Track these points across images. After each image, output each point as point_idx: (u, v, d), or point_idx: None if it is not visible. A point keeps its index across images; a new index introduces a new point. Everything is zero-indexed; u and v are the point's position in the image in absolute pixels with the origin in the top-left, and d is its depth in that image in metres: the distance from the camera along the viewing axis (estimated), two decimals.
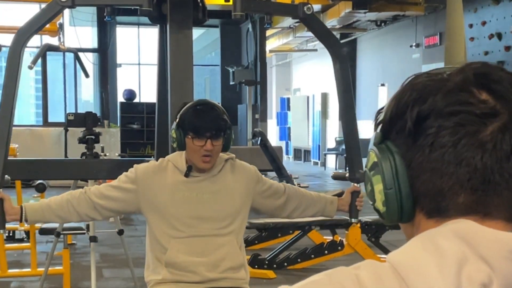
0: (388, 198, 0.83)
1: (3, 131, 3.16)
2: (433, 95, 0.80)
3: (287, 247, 6.21)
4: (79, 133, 4.81)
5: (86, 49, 15.93)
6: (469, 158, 0.77)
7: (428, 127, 0.79)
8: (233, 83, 15.99)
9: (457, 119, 0.77)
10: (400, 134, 0.82)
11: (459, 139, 0.77)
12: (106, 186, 2.62)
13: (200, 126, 2.48)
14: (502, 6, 11.07)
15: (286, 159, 19.26)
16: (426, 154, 0.79)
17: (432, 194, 0.80)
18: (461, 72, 0.81)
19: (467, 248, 0.74)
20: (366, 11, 13.20)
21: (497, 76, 0.80)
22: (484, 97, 0.78)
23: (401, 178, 0.81)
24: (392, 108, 0.84)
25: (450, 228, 0.77)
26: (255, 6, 3.84)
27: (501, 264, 0.73)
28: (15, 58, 3.19)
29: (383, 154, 0.83)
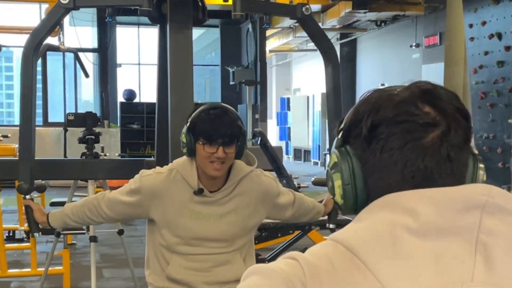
0: (345, 192, 0.99)
1: (27, 138, 3.25)
2: (384, 106, 0.96)
3: (287, 247, 6.21)
4: (79, 133, 4.81)
5: (86, 49, 15.92)
6: (413, 160, 0.93)
7: (380, 133, 0.95)
8: (233, 83, 15.99)
9: (404, 127, 0.94)
10: (357, 139, 0.99)
11: (405, 143, 0.93)
12: (115, 198, 2.50)
13: (212, 132, 2.31)
14: (502, 6, 11.07)
15: (286, 159, 19.26)
16: (378, 155, 0.95)
17: (382, 189, 0.95)
18: (409, 89, 0.97)
19: (388, 210, 0.91)
20: (366, 11, 13.20)
21: (438, 93, 0.96)
22: (427, 110, 0.94)
23: (357, 175, 0.98)
24: (350, 118, 1.01)
25: (373, 204, 0.95)
26: (254, 6, 3.84)
27: (423, 209, 0.89)
28: (28, 67, 3.26)
29: (343, 155, 1.00)
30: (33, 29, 3.42)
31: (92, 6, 6.30)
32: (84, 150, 4.62)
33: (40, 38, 3.32)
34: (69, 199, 4.99)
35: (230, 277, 2.51)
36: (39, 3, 11.96)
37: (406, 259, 0.87)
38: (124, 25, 17.21)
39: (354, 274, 0.88)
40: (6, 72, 46.52)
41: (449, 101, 0.96)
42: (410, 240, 0.88)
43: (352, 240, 0.91)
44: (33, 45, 3.29)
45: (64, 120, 5.74)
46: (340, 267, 0.89)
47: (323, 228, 6.39)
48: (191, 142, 2.37)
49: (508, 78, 11.23)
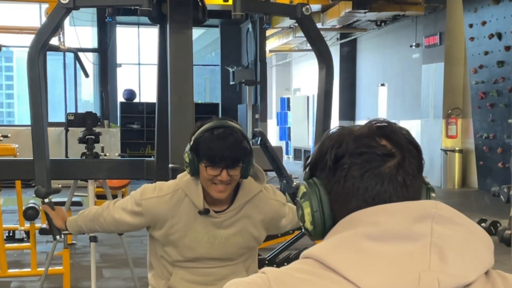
0: (314, 218, 1.11)
1: (40, 138, 3.30)
2: (346, 140, 1.08)
3: (287, 247, 6.20)
4: (79, 133, 4.81)
5: (86, 49, 15.93)
6: (373, 185, 1.05)
7: (343, 164, 1.07)
8: (233, 83, 15.99)
9: (364, 158, 1.06)
10: (323, 171, 1.10)
11: (365, 171, 1.05)
12: (121, 219, 2.45)
13: (215, 154, 2.19)
14: (502, 6, 11.07)
15: (286, 159, 19.27)
16: (342, 183, 1.07)
17: (347, 212, 1.06)
18: (367, 126, 1.10)
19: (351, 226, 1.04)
20: (366, 11, 13.21)
21: (393, 128, 1.09)
22: (383, 143, 1.07)
23: (324, 203, 1.10)
24: (316, 153, 1.13)
25: (336, 226, 1.07)
26: (254, 6, 3.84)
27: (382, 219, 1.01)
28: (34, 68, 3.29)
29: (311, 186, 1.11)
30: (37, 31, 3.46)
31: (92, 6, 6.31)
32: (84, 150, 4.62)
33: (45, 39, 3.35)
34: (69, 199, 4.99)
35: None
36: (39, 3, 11.96)
37: (369, 259, 0.99)
38: (124, 25, 17.22)
39: (322, 279, 0.99)
40: (6, 72, 46.52)
41: (402, 135, 1.09)
42: (371, 245, 0.99)
43: (319, 252, 1.02)
44: (38, 46, 3.32)
45: (65, 120, 5.74)
46: (308, 275, 1.00)
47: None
48: (194, 162, 2.27)
49: (508, 78, 11.23)
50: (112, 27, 16.39)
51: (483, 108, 11.86)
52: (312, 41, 3.70)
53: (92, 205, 4.79)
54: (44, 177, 3.28)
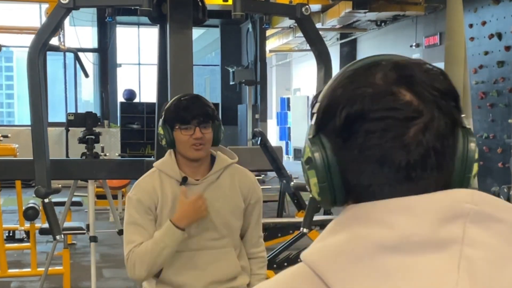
0: (322, 191, 0.89)
1: (40, 138, 3.29)
2: (362, 97, 0.85)
3: (287, 247, 6.20)
4: (79, 133, 4.81)
5: (86, 49, 15.92)
6: (394, 158, 0.84)
7: (356, 130, 0.85)
8: (233, 83, 15.99)
9: (383, 125, 0.84)
10: (332, 131, 0.88)
11: (385, 141, 0.84)
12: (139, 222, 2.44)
13: (186, 115, 2.41)
14: (502, 6, 11.07)
15: (286, 159, 19.26)
16: (356, 154, 0.86)
17: (361, 189, 0.87)
18: (386, 71, 0.87)
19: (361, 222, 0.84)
20: (366, 11, 13.20)
21: (420, 76, 0.86)
22: (408, 98, 0.84)
23: (334, 174, 0.88)
24: (325, 104, 0.90)
25: (345, 216, 0.87)
26: (254, 6, 3.84)
27: (399, 220, 0.81)
28: (34, 68, 3.29)
29: (317, 149, 0.89)
30: (37, 31, 3.46)
31: (92, 6, 6.31)
32: (84, 150, 4.62)
33: (45, 39, 3.36)
34: (69, 199, 4.99)
35: (225, 275, 2.51)
36: (39, 3, 11.97)
37: (380, 280, 0.79)
38: (124, 25, 17.21)
39: None
40: (6, 72, 46.53)
41: (431, 82, 0.86)
42: (384, 258, 0.79)
43: (317, 259, 0.84)
44: (38, 46, 3.32)
45: (65, 120, 5.74)
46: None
47: (323, 228, 6.39)
48: (169, 132, 2.45)
49: (508, 78, 11.23)
50: (112, 27, 16.39)
51: (483, 108, 11.86)
52: (311, 42, 3.70)
53: (92, 205, 4.80)
54: (44, 177, 3.28)
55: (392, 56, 0.91)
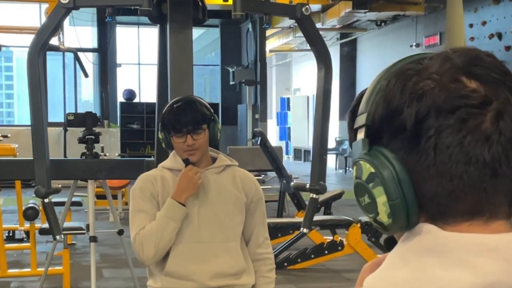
0: (394, 210, 0.77)
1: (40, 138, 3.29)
2: (428, 91, 0.75)
3: (287, 247, 6.21)
4: (79, 133, 4.80)
5: (86, 49, 15.92)
6: (478, 154, 0.73)
7: (429, 128, 0.74)
8: (233, 83, 16.00)
9: (457, 115, 0.73)
10: (395, 137, 0.77)
11: (463, 136, 0.73)
12: (146, 209, 2.51)
13: (177, 123, 2.47)
14: (502, 6, 11.07)
15: (286, 159, 19.26)
16: (432, 157, 0.74)
17: (440, 198, 0.76)
18: (447, 60, 0.77)
19: (438, 260, 0.73)
20: (366, 11, 13.21)
21: (484, 62, 0.77)
22: (474, 86, 0.75)
23: (405, 186, 0.76)
24: (381, 109, 0.78)
25: (419, 244, 0.76)
26: (254, 6, 3.84)
27: (484, 263, 0.71)
28: (34, 68, 3.29)
29: (380, 162, 0.77)
30: (37, 31, 3.46)
31: (92, 6, 6.31)
32: (84, 150, 4.62)
33: (45, 39, 3.35)
34: (69, 199, 4.99)
35: (229, 268, 2.53)
36: (39, 3, 11.96)
37: None
38: (124, 25, 17.22)
39: None
40: (6, 72, 46.55)
41: (494, 68, 0.77)
42: None
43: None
44: (38, 46, 3.32)
45: (64, 120, 5.74)
46: None
47: (323, 228, 6.39)
48: (166, 137, 2.53)
49: None
50: (112, 27, 16.40)
51: None
52: (311, 41, 3.70)
53: (92, 205, 4.80)
54: (44, 177, 3.28)
55: (442, 50, 0.81)
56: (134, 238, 2.48)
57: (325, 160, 3.77)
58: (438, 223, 0.77)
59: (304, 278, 5.92)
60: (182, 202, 2.47)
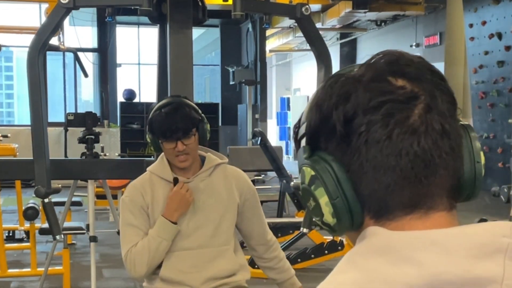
0: (336, 208, 0.80)
1: (40, 138, 3.30)
2: (354, 92, 0.78)
3: (287, 247, 6.20)
4: (79, 133, 4.80)
5: (86, 49, 15.92)
6: (407, 147, 0.76)
7: (358, 126, 0.77)
8: (233, 83, 15.99)
9: (384, 111, 0.76)
10: (330, 140, 0.80)
11: (391, 130, 0.76)
12: (134, 223, 2.49)
13: (166, 130, 2.44)
14: (502, 6, 11.07)
15: (286, 159, 19.26)
16: (364, 153, 0.77)
17: (378, 193, 0.78)
18: (373, 65, 0.80)
19: (384, 259, 0.74)
20: (366, 11, 13.20)
21: (406, 60, 0.80)
22: (400, 83, 0.77)
23: (345, 185, 0.79)
24: (314, 116, 0.82)
25: (365, 246, 0.77)
26: (254, 6, 3.84)
27: (428, 257, 0.72)
28: (34, 68, 3.29)
29: (319, 165, 0.80)
30: (37, 30, 3.47)
31: (92, 6, 6.31)
32: (84, 150, 4.62)
33: (45, 39, 3.36)
34: (69, 199, 4.99)
35: (223, 272, 2.52)
36: (39, 3, 11.96)
37: None
38: (124, 25, 17.21)
39: None
40: (6, 72, 46.54)
41: (420, 66, 0.80)
42: None
43: None
44: (38, 46, 3.33)
45: (64, 120, 5.74)
46: None
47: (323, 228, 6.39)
48: (154, 140, 2.51)
49: (508, 78, 11.23)
50: (112, 27, 16.39)
51: (483, 108, 11.86)
52: (311, 41, 3.70)
53: (92, 205, 4.80)
54: (44, 177, 3.28)
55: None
56: (126, 255, 2.46)
57: None
58: (382, 220, 0.79)
59: (304, 278, 5.91)
60: (174, 221, 2.45)
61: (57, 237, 3.02)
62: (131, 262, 2.45)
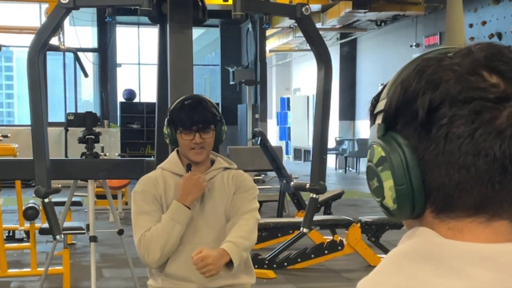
0: (399, 195, 0.77)
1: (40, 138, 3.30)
2: (445, 81, 0.75)
3: (287, 247, 6.20)
4: (79, 133, 4.80)
5: (86, 49, 15.92)
6: (488, 148, 0.73)
7: (442, 117, 0.74)
8: (233, 83, 15.99)
9: (471, 107, 0.73)
10: (409, 124, 0.77)
11: (475, 128, 0.73)
12: (148, 211, 2.49)
13: (187, 120, 2.48)
14: (502, 6, 11.07)
15: (286, 159, 19.26)
16: (441, 146, 0.74)
17: (448, 189, 0.76)
18: (470, 54, 0.77)
19: (433, 268, 0.73)
20: (366, 11, 13.21)
21: (506, 58, 0.76)
22: (494, 81, 0.74)
23: (413, 173, 0.76)
24: (398, 96, 0.78)
25: (414, 249, 0.76)
26: (254, 6, 3.84)
27: (475, 273, 0.71)
28: (34, 68, 3.29)
29: (391, 147, 0.77)
30: (37, 31, 3.47)
31: (92, 6, 6.31)
32: (84, 150, 4.62)
33: (45, 39, 3.36)
34: (69, 199, 4.99)
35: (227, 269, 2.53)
36: (39, 3, 11.97)
37: None
38: (124, 25, 17.22)
39: None
40: (6, 72, 46.55)
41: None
42: None
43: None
44: (38, 46, 3.33)
45: (64, 120, 5.75)
46: None
47: (323, 228, 6.39)
48: (172, 132, 2.53)
49: None
50: (112, 27, 16.39)
51: None
52: (311, 41, 3.70)
53: (92, 205, 4.80)
54: (44, 177, 3.28)
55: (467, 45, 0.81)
56: (139, 240, 2.45)
57: (325, 160, 3.78)
58: (442, 216, 0.77)
59: (304, 278, 5.91)
60: (187, 205, 2.47)
61: (57, 237, 3.02)
62: (145, 247, 2.45)
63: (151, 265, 2.51)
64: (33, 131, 3.34)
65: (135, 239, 2.48)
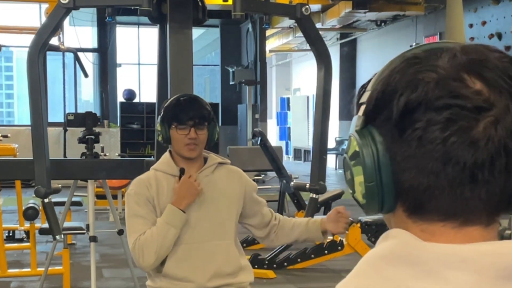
0: (368, 192, 0.77)
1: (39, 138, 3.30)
2: (425, 82, 0.73)
3: (287, 247, 6.20)
4: (79, 133, 4.80)
5: (86, 49, 15.92)
6: (459, 156, 0.72)
7: (417, 120, 0.73)
8: (233, 83, 15.99)
9: (448, 114, 0.71)
10: (386, 122, 0.76)
11: (449, 135, 0.71)
12: (141, 214, 2.49)
13: (182, 115, 2.51)
14: (502, 6, 11.07)
15: (286, 159, 19.26)
16: (413, 148, 0.73)
17: (416, 192, 0.75)
18: (454, 57, 0.74)
19: (410, 270, 0.72)
20: (366, 11, 13.21)
21: (492, 65, 0.73)
22: (478, 87, 0.72)
23: (384, 173, 0.75)
24: (378, 91, 0.77)
25: (390, 251, 0.75)
26: (254, 6, 3.85)
27: (453, 276, 0.71)
28: (34, 68, 3.30)
29: (365, 142, 0.76)
30: (37, 31, 3.47)
31: (92, 6, 6.31)
32: (84, 150, 4.62)
33: (45, 39, 3.36)
34: (69, 199, 4.99)
35: (226, 267, 2.53)
36: (39, 3, 11.96)
37: None
38: (124, 25, 17.21)
39: None
40: (6, 72, 46.54)
41: (506, 70, 0.73)
42: None
43: None
44: (38, 46, 3.33)
45: (64, 120, 5.74)
46: None
47: None
48: (166, 129, 2.54)
49: None
50: (112, 27, 16.39)
51: None
52: (311, 41, 3.71)
53: (92, 205, 4.80)
54: (44, 177, 3.29)
55: (459, 43, 0.78)
56: (134, 244, 2.45)
57: (325, 160, 3.78)
58: (414, 217, 0.77)
59: (304, 278, 5.92)
60: (182, 208, 2.47)
61: (57, 237, 3.02)
62: (140, 251, 2.44)
63: (145, 268, 2.51)
64: (33, 131, 3.34)
65: (129, 243, 2.48)
